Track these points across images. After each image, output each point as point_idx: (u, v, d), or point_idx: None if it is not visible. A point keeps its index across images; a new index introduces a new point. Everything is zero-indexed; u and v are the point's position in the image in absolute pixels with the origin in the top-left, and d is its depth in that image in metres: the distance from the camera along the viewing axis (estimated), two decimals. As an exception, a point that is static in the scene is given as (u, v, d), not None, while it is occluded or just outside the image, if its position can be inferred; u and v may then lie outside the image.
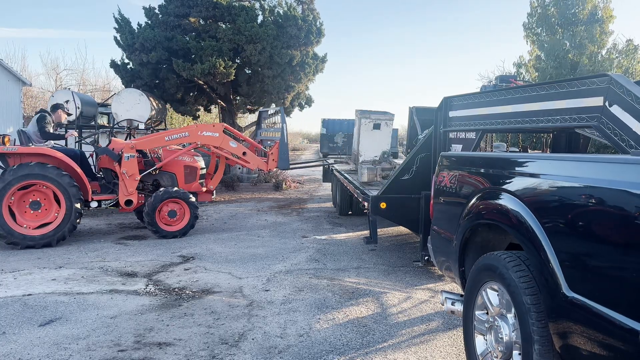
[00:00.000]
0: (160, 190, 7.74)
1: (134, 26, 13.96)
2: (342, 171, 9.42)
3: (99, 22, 70.67)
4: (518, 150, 7.67)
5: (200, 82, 14.35)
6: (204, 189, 8.64)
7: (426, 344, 3.87)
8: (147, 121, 12.02)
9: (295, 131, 58.02)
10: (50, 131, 7.57)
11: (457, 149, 4.89)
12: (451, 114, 5.07)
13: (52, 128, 7.66)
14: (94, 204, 7.62)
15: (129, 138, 11.56)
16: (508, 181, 2.77)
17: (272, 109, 10.61)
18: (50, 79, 28.93)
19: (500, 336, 2.63)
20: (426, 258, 5.33)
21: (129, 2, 53.33)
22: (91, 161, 8.46)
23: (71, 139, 9.50)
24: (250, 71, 15.08)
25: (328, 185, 13.38)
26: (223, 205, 11.68)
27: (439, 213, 3.80)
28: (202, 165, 8.70)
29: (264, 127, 10.32)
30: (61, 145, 7.94)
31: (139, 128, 11.92)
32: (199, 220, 8.03)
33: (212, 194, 9.04)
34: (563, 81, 3.45)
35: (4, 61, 15.10)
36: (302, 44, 14.69)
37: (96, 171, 8.26)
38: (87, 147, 10.00)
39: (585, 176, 2.21)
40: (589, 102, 3.14)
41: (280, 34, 14.10)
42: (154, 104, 12.65)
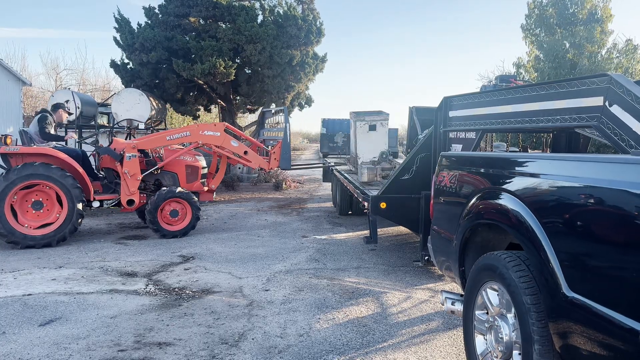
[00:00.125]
0: (165, 189, 7.76)
1: (134, 26, 13.96)
2: (342, 171, 9.42)
3: (99, 22, 70.75)
4: (518, 150, 7.67)
5: (200, 82, 14.35)
6: (205, 189, 8.64)
7: (426, 343, 3.88)
8: (147, 121, 12.01)
9: (295, 131, 57.96)
10: (51, 132, 7.58)
11: (457, 148, 4.88)
12: (451, 113, 5.07)
13: (53, 128, 7.67)
14: (96, 204, 7.63)
15: (129, 138, 11.56)
16: (508, 181, 2.77)
17: (276, 108, 10.59)
18: (50, 78, 28.93)
19: (500, 336, 2.64)
20: (426, 258, 5.33)
21: (129, 2, 53.35)
22: (92, 160, 8.45)
23: (71, 141, 9.50)
24: (250, 71, 15.08)
25: (328, 185, 13.38)
26: (223, 205, 11.68)
27: (439, 213, 3.80)
28: (204, 165, 8.70)
29: (267, 126, 10.30)
30: (62, 145, 7.95)
31: (139, 128, 11.92)
32: (199, 220, 8.04)
33: (213, 194, 9.04)
34: (563, 81, 3.45)
35: (4, 61, 15.08)
36: (302, 44, 14.69)
37: (98, 171, 8.26)
38: (87, 147, 10.00)
39: (585, 176, 2.21)
40: (589, 102, 3.13)
41: (280, 33, 14.10)
42: (154, 104, 12.64)
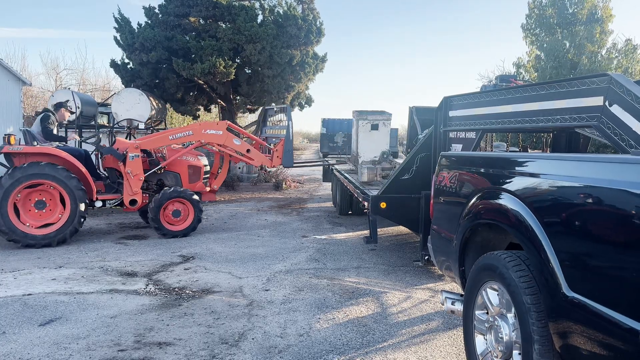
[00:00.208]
0: (170, 188, 7.76)
1: (134, 26, 13.96)
2: (342, 171, 9.42)
3: (99, 22, 70.78)
4: (518, 150, 7.67)
5: (200, 81, 14.35)
6: (207, 189, 8.64)
7: (426, 343, 3.88)
8: (147, 121, 12.01)
9: (295, 131, 57.52)
10: (54, 131, 7.60)
11: (457, 148, 4.88)
12: (451, 113, 5.07)
13: (55, 128, 7.69)
14: (98, 204, 7.64)
15: (129, 138, 11.55)
16: (508, 181, 2.77)
17: (278, 106, 10.57)
18: (50, 78, 28.88)
19: (500, 336, 2.64)
20: (426, 258, 5.33)
21: (129, 2, 53.36)
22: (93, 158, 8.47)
23: (71, 142, 9.49)
24: (250, 71, 15.07)
25: (328, 185, 13.38)
26: (223, 205, 11.68)
27: (439, 213, 3.80)
28: (206, 165, 8.70)
29: (269, 124, 10.29)
30: (65, 144, 7.96)
31: (139, 128, 11.91)
32: (200, 222, 8.03)
33: (215, 194, 9.04)
34: (563, 81, 3.44)
35: (4, 61, 15.06)
36: (302, 44, 14.69)
37: (100, 170, 8.26)
38: (87, 146, 9.98)
39: (585, 176, 2.20)
40: (589, 101, 3.13)
41: (280, 33, 14.09)
42: (154, 104, 12.64)
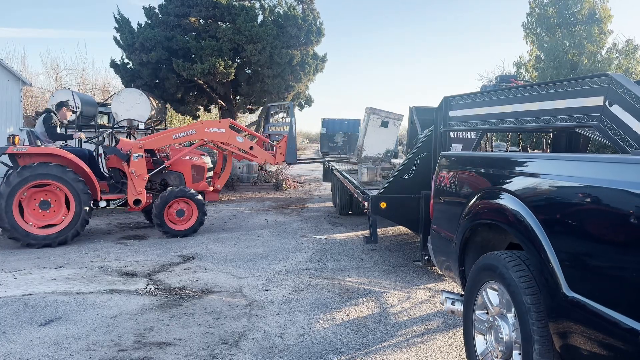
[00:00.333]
0: (177, 187, 7.77)
1: (134, 26, 13.96)
2: (342, 171, 9.43)
3: (99, 22, 70.87)
4: (518, 150, 7.67)
5: (200, 81, 14.35)
6: (210, 189, 8.64)
7: (426, 343, 3.87)
8: (147, 121, 12.02)
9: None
10: (58, 131, 7.61)
11: (457, 148, 4.89)
12: (451, 113, 5.07)
13: (58, 127, 7.70)
14: (102, 204, 7.64)
15: (129, 138, 11.55)
16: (508, 181, 2.77)
17: (281, 103, 10.57)
18: (50, 78, 28.92)
19: (500, 336, 2.64)
20: (426, 258, 5.33)
21: (129, 2, 53.38)
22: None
23: (72, 142, 9.50)
24: (250, 71, 15.08)
25: (328, 185, 13.38)
26: (223, 205, 11.68)
27: (439, 213, 3.80)
28: (210, 164, 8.70)
29: (272, 121, 10.28)
30: (69, 145, 7.98)
31: (139, 128, 11.92)
32: (202, 225, 8.02)
33: (218, 194, 9.05)
34: (563, 81, 3.44)
35: (4, 61, 15.08)
36: (302, 44, 14.70)
37: (104, 171, 8.27)
38: (88, 146, 9.98)
39: (585, 176, 2.20)
40: (589, 101, 3.13)
41: (280, 33, 14.10)
42: (154, 104, 12.65)
